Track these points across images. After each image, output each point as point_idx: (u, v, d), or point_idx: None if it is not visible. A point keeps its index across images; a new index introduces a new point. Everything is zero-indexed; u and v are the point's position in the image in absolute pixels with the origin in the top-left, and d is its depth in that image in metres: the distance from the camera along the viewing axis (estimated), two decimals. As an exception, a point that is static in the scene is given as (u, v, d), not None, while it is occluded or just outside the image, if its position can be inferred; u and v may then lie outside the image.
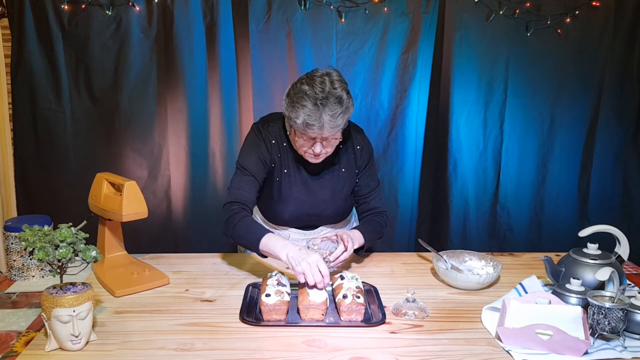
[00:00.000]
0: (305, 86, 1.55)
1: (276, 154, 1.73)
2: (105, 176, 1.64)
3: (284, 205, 1.76)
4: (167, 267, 1.72)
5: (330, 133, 1.57)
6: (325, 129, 1.54)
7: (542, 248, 2.77)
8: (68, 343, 1.20)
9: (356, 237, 1.68)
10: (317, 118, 1.52)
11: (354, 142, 1.79)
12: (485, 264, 1.69)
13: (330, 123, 1.54)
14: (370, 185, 1.84)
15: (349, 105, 1.58)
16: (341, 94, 1.55)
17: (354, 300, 1.36)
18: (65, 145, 2.59)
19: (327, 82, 1.55)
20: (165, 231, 2.71)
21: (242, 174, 1.70)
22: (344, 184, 1.79)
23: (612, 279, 1.36)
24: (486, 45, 2.63)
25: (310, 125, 1.53)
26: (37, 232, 1.20)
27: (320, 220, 1.85)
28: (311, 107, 1.52)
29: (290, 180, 1.75)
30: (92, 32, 2.48)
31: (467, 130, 2.71)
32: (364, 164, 1.81)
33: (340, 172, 1.78)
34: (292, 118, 1.56)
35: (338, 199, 1.80)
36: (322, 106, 1.52)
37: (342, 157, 1.78)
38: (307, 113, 1.53)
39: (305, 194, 1.76)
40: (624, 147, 2.75)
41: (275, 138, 1.73)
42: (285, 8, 2.53)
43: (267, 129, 1.74)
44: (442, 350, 1.25)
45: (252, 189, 1.69)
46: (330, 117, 1.53)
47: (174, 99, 2.60)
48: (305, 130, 1.56)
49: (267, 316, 1.36)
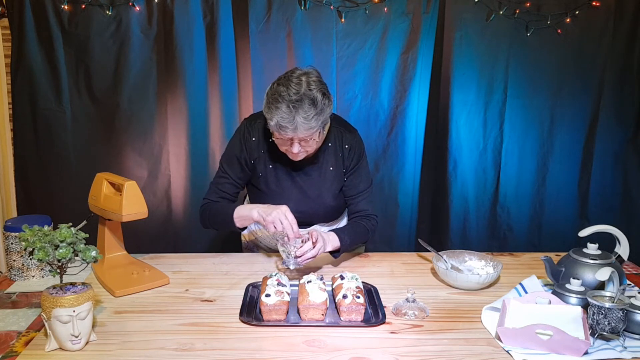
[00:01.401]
0: (281, 87, 1.57)
1: (259, 150, 1.76)
2: (105, 176, 1.64)
3: (270, 201, 1.76)
4: (167, 267, 1.72)
5: (306, 134, 1.58)
6: (299, 130, 1.55)
7: (542, 248, 2.77)
8: (68, 343, 1.20)
9: (331, 239, 1.67)
10: (290, 120, 1.53)
11: (342, 141, 1.79)
12: (485, 264, 1.69)
13: (304, 125, 1.54)
14: (358, 186, 1.82)
15: (324, 107, 1.58)
16: (315, 96, 1.55)
17: (354, 300, 1.36)
18: (65, 145, 2.59)
19: (303, 83, 1.56)
20: (165, 231, 2.71)
21: (219, 174, 1.82)
22: (332, 183, 1.80)
23: (612, 279, 1.36)
24: (486, 45, 2.63)
25: (283, 127, 1.55)
26: (37, 232, 1.20)
27: (310, 218, 1.85)
28: (284, 110, 1.53)
29: (276, 176, 1.77)
30: (92, 32, 2.48)
31: (467, 130, 2.72)
32: (352, 164, 1.81)
33: (327, 171, 1.79)
34: (268, 119, 1.59)
35: (326, 197, 1.81)
36: (294, 109, 1.53)
37: (329, 156, 1.79)
38: (280, 115, 1.54)
39: (292, 190, 1.78)
40: (624, 147, 2.75)
41: (259, 135, 1.76)
42: (285, 8, 2.53)
43: (253, 124, 1.78)
44: (442, 350, 1.25)
45: (229, 188, 1.80)
46: (304, 119, 1.54)
47: (174, 99, 2.60)
48: (280, 132, 1.57)
49: (267, 316, 1.36)
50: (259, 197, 1.81)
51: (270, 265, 1.77)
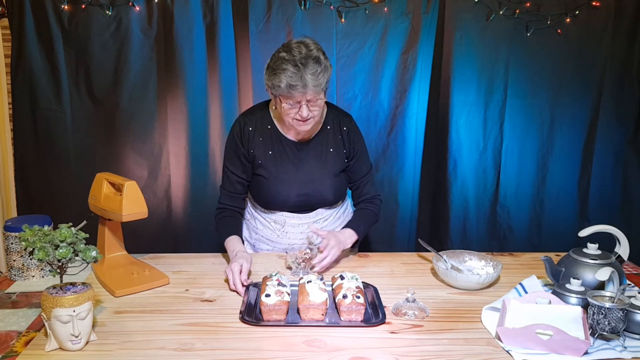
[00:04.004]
0: (283, 53, 1.64)
1: (256, 138, 1.80)
2: (105, 176, 1.64)
3: (273, 185, 1.81)
4: (167, 267, 1.72)
5: (314, 92, 1.63)
6: (309, 87, 1.61)
7: (542, 248, 2.77)
8: (68, 343, 1.20)
9: (346, 234, 1.77)
10: (299, 78, 1.59)
11: (340, 124, 1.86)
12: (485, 264, 1.69)
13: (313, 81, 1.60)
14: (362, 169, 1.89)
15: (327, 65, 1.66)
16: (318, 55, 1.65)
17: (354, 300, 1.36)
18: (65, 145, 2.59)
19: (302, 47, 1.65)
20: (165, 231, 2.71)
21: (225, 175, 1.87)
22: (332, 164, 1.84)
23: (612, 279, 1.36)
24: (486, 45, 2.63)
25: (293, 86, 1.60)
26: (37, 232, 1.20)
27: (313, 201, 1.87)
28: (292, 69, 1.60)
29: (276, 160, 1.81)
30: (92, 32, 2.48)
31: (467, 130, 2.71)
32: (354, 148, 1.86)
33: (328, 152, 1.84)
34: (276, 84, 1.63)
35: (327, 179, 1.84)
36: (302, 66, 1.60)
37: (329, 138, 1.84)
38: (289, 75, 1.60)
39: (293, 173, 1.81)
40: (624, 147, 2.75)
41: (255, 124, 1.81)
42: (285, 8, 2.53)
43: (249, 116, 1.84)
44: (442, 350, 1.25)
45: (237, 187, 1.85)
46: (312, 75, 1.60)
47: (174, 99, 2.60)
48: (290, 93, 1.62)
49: (267, 316, 1.36)
50: (260, 185, 1.84)
51: (270, 265, 1.77)
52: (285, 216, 1.87)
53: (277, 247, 1.91)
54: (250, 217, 1.97)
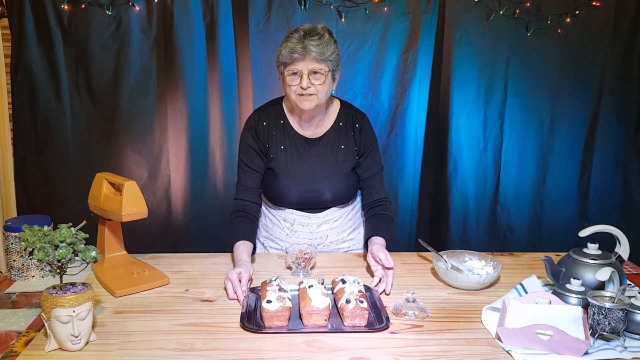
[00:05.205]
0: (292, 32, 1.70)
1: (270, 132, 1.82)
2: (105, 176, 1.64)
3: (283, 181, 1.81)
4: (167, 267, 1.72)
5: (315, 60, 1.64)
6: (310, 53, 1.62)
7: (542, 248, 2.77)
8: (68, 343, 1.20)
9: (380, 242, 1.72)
10: (299, 43, 1.63)
11: (353, 120, 1.86)
12: (485, 264, 1.69)
13: (314, 49, 1.62)
14: (372, 168, 1.89)
15: (331, 42, 1.68)
16: (323, 32, 1.67)
17: (358, 305, 1.34)
18: (65, 145, 2.59)
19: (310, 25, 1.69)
20: (165, 231, 2.71)
21: (240, 171, 1.85)
22: (344, 161, 1.83)
23: (612, 279, 1.36)
24: (486, 45, 2.63)
25: (293, 50, 1.63)
26: (37, 232, 1.20)
27: (323, 199, 1.85)
28: (296, 38, 1.65)
29: (286, 156, 1.81)
30: (92, 32, 2.49)
31: (467, 130, 2.72)
32: (366, 146, 1.86)
33: (339, 149, 1.83)
34: (280, 56, 1.67)
35: (338, 176, 1.83)
36: (305, 36, 1.64)
37: (341, 134, 1.84)
38: (293, 42, 1.64)
39: (303, 169, 1.81)
40: (624, 147, 2.75)
41: (269, 118, 1.83)
42: (285, 8, 2.53)
43: (264, 111, 1.86)
44: (442, 350, 1.25)
45: (253, 181, 1.83)
46: (314, 42, 1.63)
47: (174, 99, 2.60)
48: (292, 57, 1.64)
49: (268, 323, 1.33)
50: (272, 179, 1.84)
51: (270, 265, 1.77)
52: (295, 214, 1.86)
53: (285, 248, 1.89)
54: (262, 214, 1.96)
